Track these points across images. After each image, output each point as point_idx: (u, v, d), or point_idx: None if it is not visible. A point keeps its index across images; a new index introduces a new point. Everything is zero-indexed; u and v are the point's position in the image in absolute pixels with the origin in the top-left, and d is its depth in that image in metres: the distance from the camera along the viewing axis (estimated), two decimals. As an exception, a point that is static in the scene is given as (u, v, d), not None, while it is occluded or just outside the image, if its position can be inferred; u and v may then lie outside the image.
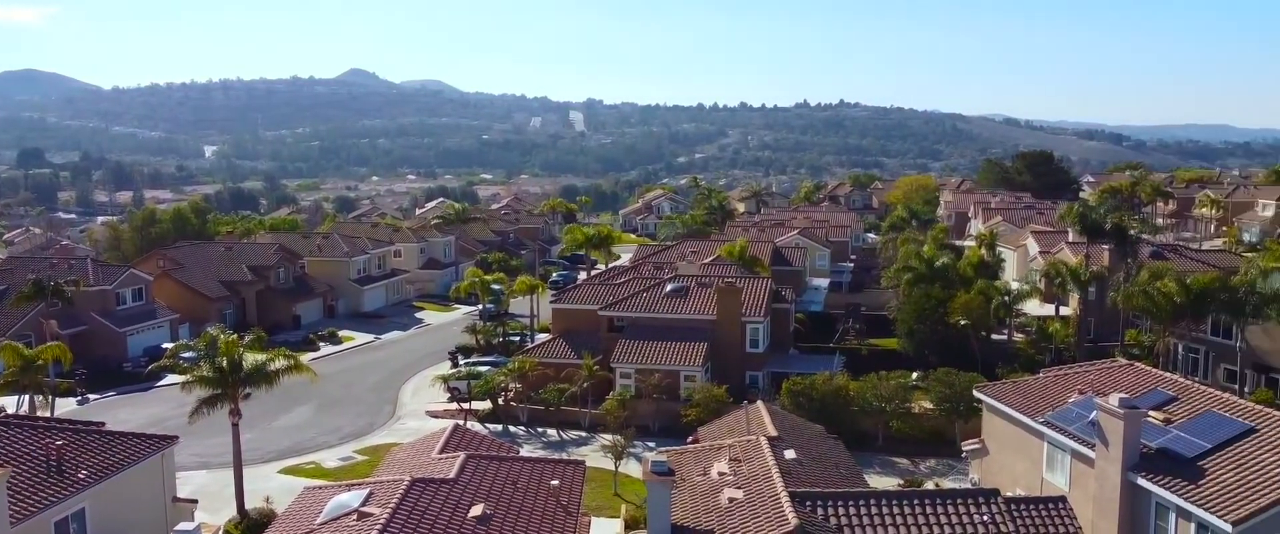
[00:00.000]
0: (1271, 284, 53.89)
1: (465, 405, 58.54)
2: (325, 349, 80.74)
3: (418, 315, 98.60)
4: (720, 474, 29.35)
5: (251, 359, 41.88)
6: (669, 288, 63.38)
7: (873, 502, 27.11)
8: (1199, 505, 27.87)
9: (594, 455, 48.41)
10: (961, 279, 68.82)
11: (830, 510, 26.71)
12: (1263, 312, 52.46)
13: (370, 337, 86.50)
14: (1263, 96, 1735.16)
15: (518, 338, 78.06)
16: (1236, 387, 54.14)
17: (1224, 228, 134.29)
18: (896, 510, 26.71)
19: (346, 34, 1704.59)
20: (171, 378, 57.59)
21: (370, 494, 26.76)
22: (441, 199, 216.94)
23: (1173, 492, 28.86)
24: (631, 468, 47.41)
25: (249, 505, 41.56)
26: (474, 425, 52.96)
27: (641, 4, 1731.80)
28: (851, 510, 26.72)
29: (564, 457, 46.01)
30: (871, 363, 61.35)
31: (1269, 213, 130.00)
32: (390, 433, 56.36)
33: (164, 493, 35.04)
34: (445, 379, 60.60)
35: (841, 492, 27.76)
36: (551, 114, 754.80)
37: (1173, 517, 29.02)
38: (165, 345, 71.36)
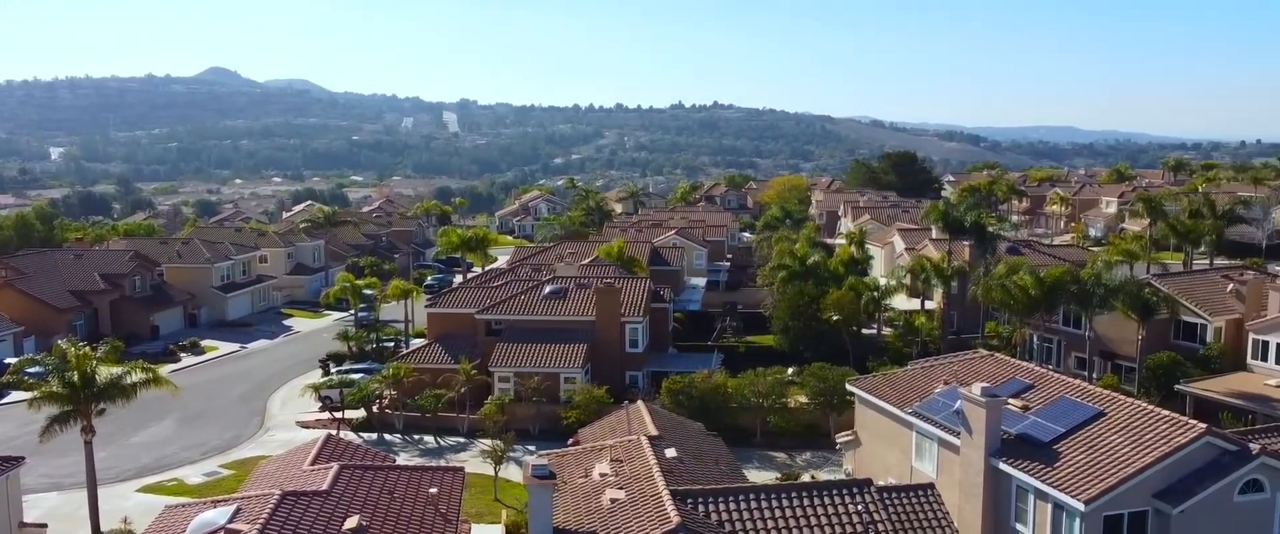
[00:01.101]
0: (1115, 277, 57.34)
1: (338, 415, 56.82)
2: (187, 360, 77.25)
3: (286, 323, 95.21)
4: (602, 475, 29.31)
5: (106, 372, 39.63)
6: (547, 290, 63.03)
7: (753, 496, 27.55)
8: (1055, 487, 29.37)
9: (473, 461, 47.74)
10: (833, 276, 70.75)
11: (712, 507, 26.99)
12: (1108, 303, 55.75)
13: (235, 346, 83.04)
14: (1104, 101, 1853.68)
15: (392, 343, 76.26)
16: (1086, 373, 57.43)
17: (1072, 224, 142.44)
18: (775, 504, 27.20)
19: (205, 31, 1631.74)
20: (17, 395, 54.02)
21: (237, 510, 25.62)
22: (310, 202, 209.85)
23: (1031, 475, 30.32)
24: (512, 473, 46.91)
25: (105, 527, 39.32)
26: (347, 435, 51.47)
27: (516, 4, 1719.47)
28: (732, 506, 27.08)
29: (442, 464, 45.19)
30: (749, 360, 62.37)
31: (1112, 209, 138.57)
32: (258, 446, 54.19)
33: (9, 518, 32.76)
34: (317, 388, 58.74)
35: (722, 488, 28.10)
36: (424, 114, 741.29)
37: (1032, 498, 30.49)
38: (9, 360, 66.93)
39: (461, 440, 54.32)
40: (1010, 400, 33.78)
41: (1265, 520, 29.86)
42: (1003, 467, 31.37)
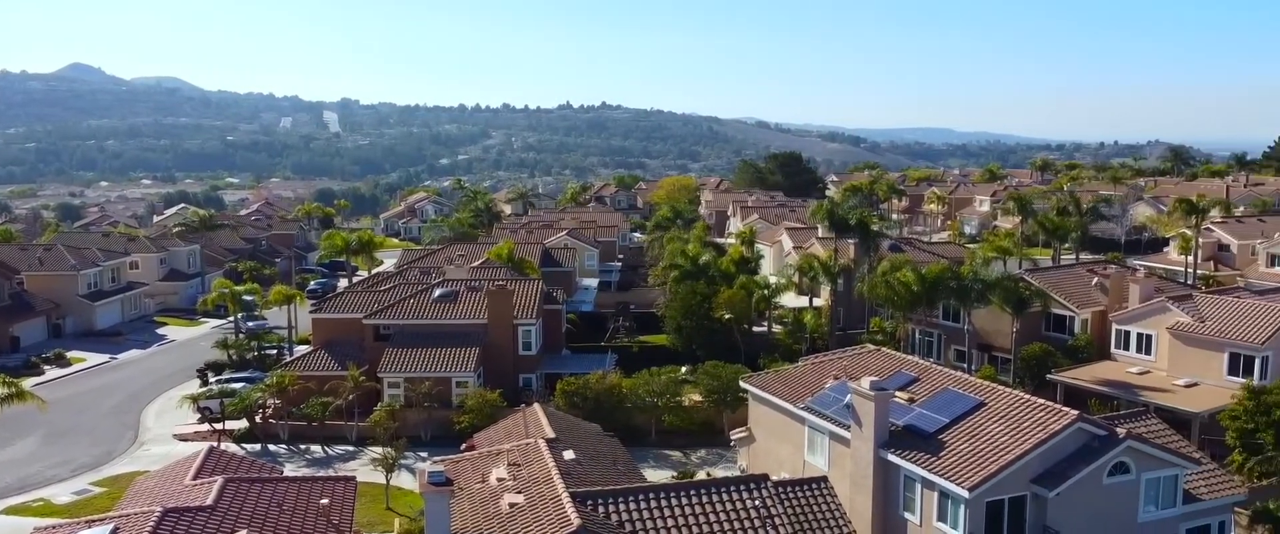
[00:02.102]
0: (992, 273, 59.82)
1: (218, 426, 54.63)
2: (52, 373, 73.13)
3: (160, 332, 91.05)
4: (499, 480, 28.97)
5: (-40, 389, 37.08)
6: (437, 293, 62.02)
7: (652, 496, 27.65)
8: (940, 476, 30.44)
9: (364, 470, 46.57)
10: (724, 275, 71.69)
11: (612, 508, 26.97)
12: (985, 297, 58.16)
13: (105, 357, 78.94)
14: (976, 103, 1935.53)
15: (275, 351, 73.73)
16: (965, 365, 59.78)
17: (949, 222, 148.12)
18: (675, 502, 27.37)
19: (65, 25, 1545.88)
20: None
21: (114, 530, 24.32)
22: (183, 205, 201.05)
23: (918, 465, 31.35)
24: (404, 480, 46.00)
25: (-37, 554, 36.77)
26: (229, 447, 49.50)
27: (399, 0, 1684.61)
28: (632, 506, 27.12)
29: (332, 473, 43.93)
30: (643, 360, 62.70)
31: (985, 208, 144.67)
32: (133, 461, 51.62)
33: None
34: (195, 399, 56.44)
35: (622, 488, 28.11)
36: (303, 114, 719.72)
37: (919, 487, 31.52)
38: None
39: (350, 449, 52.93)
40: (897, 393, 34.82)
41: (1131, 500, 31.64)
42: (891, 458, 32.33)
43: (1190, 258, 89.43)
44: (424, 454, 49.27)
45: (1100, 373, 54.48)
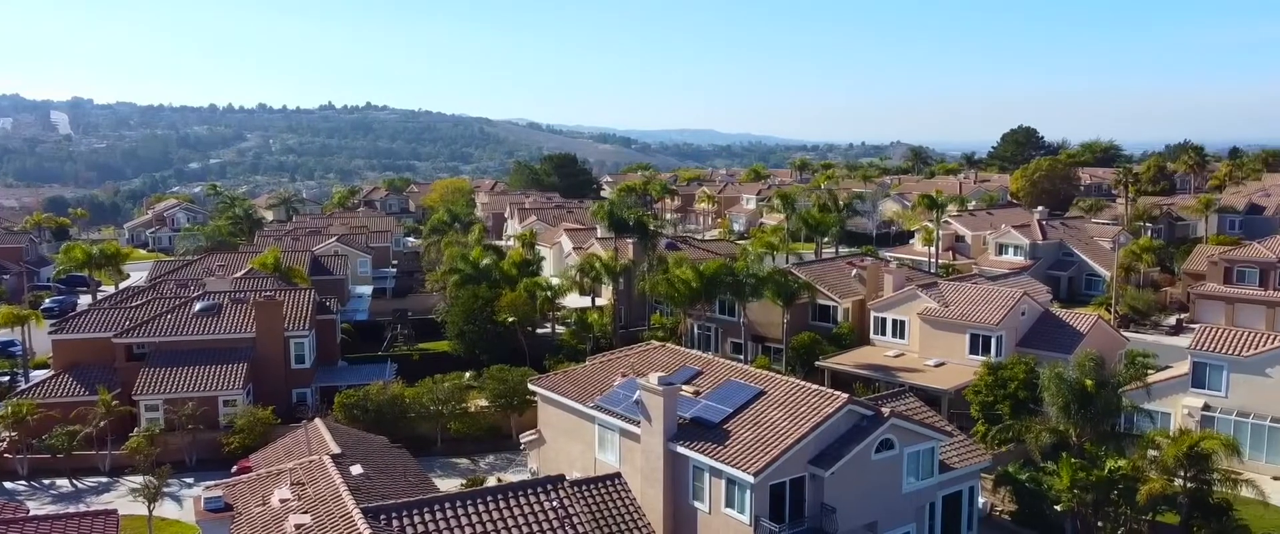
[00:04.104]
0: (764, 268, 62.88)
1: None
2: None
3: None
4: (283, 501, 27.44)
5: None
6: (198, 307, 57.93)
7: (448, 506, 27.06)
8: (726, 463, 31.71)
9: (122, 501, 42.91)
10: (506, 278, 71.28)
11: (407, 521, 26.17)
12: (759, 291, 61.08)
13: None
14: (738, 106, 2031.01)
15: (8, 378, 66.16)
16: (742, 356, 62.55)
17: (719, 220, 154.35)
18: (472, 510, 26.92)
19: None
20: None
21: None
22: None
23: (705, 455, 32.51)
24: (169, 510, 42.79)
25: None
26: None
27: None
28: (428, 518, 26.43)
29: (86, 508, 39.97)
30: (424, 367, 61.34)
31: (752, 206, 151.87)
32: None
33: None
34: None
35: (415, 501, 27.31)
36: (27, 115, 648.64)
37: (707, 476, 32.69)
38: None
39: (104, 480, 48.46)
40: (684, 387, 35.95)
41: (896, 473, 34.29)
42: (680, 450, 33.33)
43: (932, 249, 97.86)
44: (190, 480, 46.07)
45: (862, 357, 58.57)
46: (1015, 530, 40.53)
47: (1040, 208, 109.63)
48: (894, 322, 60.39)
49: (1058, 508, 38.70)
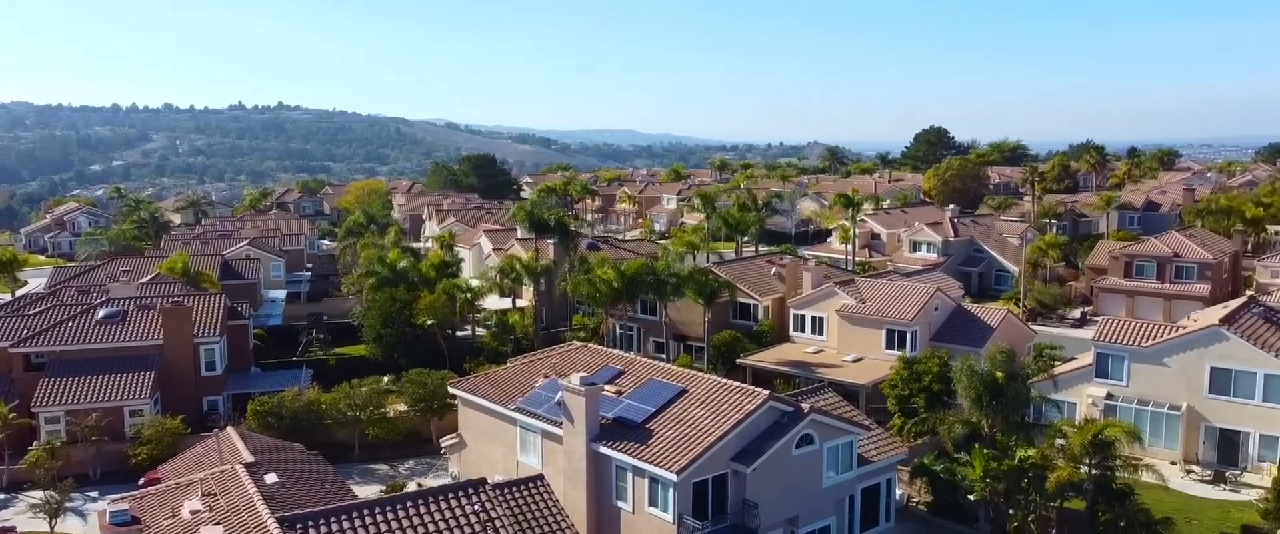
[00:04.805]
0: (685, 267, 63.23)
1: None
2: None
3: None
4: (193, 512, 26.58)
5: None
6: (102, 314, 55.80)
7: (368, 512, 26.53)
8: (649, 462, 31.78)
9: (21, 518, 41.28)
10: (424, 280, 70.28)
11: (323, 529, 25.58)
12: (680, 290, 61.38)
13: None
14: (659, 107, 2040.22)
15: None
16: (664, 355, 62.78)
17: (640, 220, 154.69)
18: (393, 517, 26.45)
19: None
20: None
21: None
22: None
23: (629, 454, 32.52)
24: (72, 525, 41.12)
25: None
26: None
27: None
28: (345, 525, 25.88)
29: (-20, 527, 38.23)
30: (341, 372, 60.12)
31: (672, 205, 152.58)
32: None
33: None
34: None
35: (334, 508, 26.69)
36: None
37: (630, 476, 32.71)
38: None
39: (2, 497, 46.24)
40: (606, 387, 35.90)
41: (815, 467, 34.78)
42: (603, 450, 33.27)
43: (849, 247, 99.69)
44: (94, 494, 44.39)
45: (782, 354, 59.33)
46: (931, 520, 41.50)
47: (952, 206, 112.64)
48: (813, 318, 61.31)
49: (971, 497, 39.78)
